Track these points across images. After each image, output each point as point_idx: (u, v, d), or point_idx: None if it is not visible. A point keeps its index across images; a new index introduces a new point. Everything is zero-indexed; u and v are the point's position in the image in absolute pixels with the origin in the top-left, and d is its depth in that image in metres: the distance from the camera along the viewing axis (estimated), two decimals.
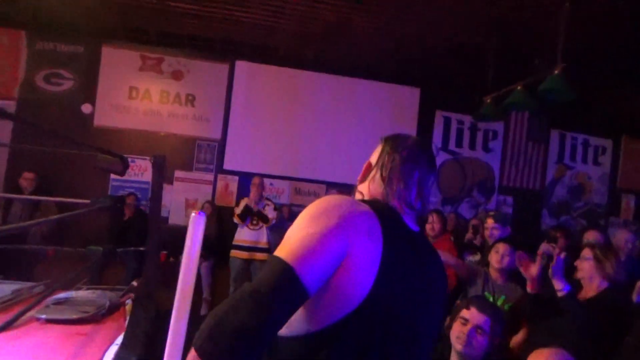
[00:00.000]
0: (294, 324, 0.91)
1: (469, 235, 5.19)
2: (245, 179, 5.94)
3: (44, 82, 5.71)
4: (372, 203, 1.02)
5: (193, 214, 0.92)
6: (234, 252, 5.00)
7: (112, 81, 5.89)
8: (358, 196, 1.14)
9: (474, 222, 5.45)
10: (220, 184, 6.21)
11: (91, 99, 5.83)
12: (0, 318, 2.24)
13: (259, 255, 4.97)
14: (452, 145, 6.95)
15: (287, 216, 5.96)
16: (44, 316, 2.53)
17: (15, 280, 3.43)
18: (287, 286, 0.84)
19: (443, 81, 6.48)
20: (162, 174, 3.38)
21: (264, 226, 5.02)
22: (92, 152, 3.16)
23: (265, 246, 5.03)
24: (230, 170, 6.21)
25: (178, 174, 6.05)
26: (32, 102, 5.67)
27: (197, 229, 0.91)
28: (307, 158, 6.40)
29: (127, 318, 2.81)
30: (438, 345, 2.04)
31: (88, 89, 5.84)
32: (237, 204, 5.12)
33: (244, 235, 5.00)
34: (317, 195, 6.47)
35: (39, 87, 5.70)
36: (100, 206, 3.03)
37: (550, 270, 2.34)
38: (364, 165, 1.18)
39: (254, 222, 5.03)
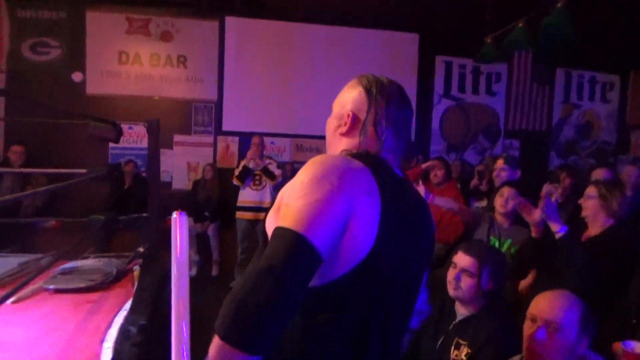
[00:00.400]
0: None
1: (474, 181, 5.17)
2: (245, 139, 5.89)
3: (31, 52, 5.59)
4: (363, 157, 1.01)
5: (174, 215, 0.93)
6: (239, 214, 5.03)
7: (100, 47, 5.76)
8: (342, 151, 1.09)
9: (479, 167, 5.42)
10: (220, 146, 6.18)
11: (81, 67, 5.72)
12: (8, 289, 2.28)
13: (264, 216, 4.96)
14: (454, 91, 6.82)
15: (290, 174, 5.97)
16: (52, 286, 2.58)
17: (20, 253, 3.49)
18: (301, 255, 0.83)
19: (442, 25, 6.28)
20: (157, 138, 3.35)
21: (267, 185, 5.01)
22: (85, 121, 3.12)
23: (269, 206, 5.03)
24: (230, 131, 6.15)
25: (177, 138, 6.02)
26: (20, 73, 5.58)
27: (181, 228, 0.92)
28: (306, 113, 6.31)
29: (135, 284, 2.86)
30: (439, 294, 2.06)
31: (76, 57, 5.72)
32: (238, 165, 5.10)
33: (247, 196, 5.01)
34: (319, 151, 6.42)
35: (26, 57, 5.59)
36: (96, 175, 3.02)
37: (542, 213, 2.32)
38: (347, 116, 1.11)
39: (256, 182, 5.03)
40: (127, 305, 2.28)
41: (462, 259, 1.91)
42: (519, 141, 7.00)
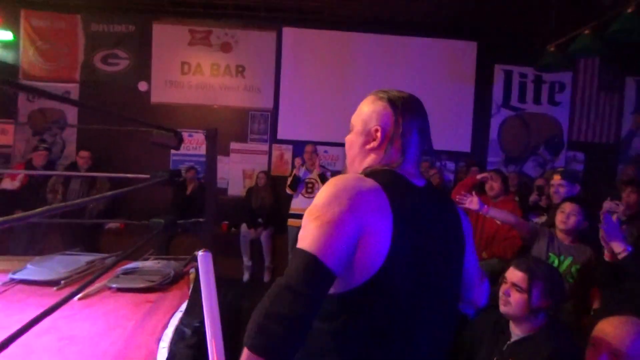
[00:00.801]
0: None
1: (533, 196, 4.94)
2: (299, 147, 5.97)
3: (102, 63, 5.97)
4: (379, 174, 1.07)
5: (200, 253, 1.07)
6: (290, 221, 5.11)
7: (164, 58, 6.06)
8: (365, 169, 1.15)
9: (539, 182, 5.17)
10: (275, 154, 6.29)
11: (146, 77, 6.04)
12: (76, 286, 2.43)
13: None
14: (514, 101, 6.58)
15: None
16: (115, 285, 2.72)
17: (89, 253, 3.71)
18: (315, 273, 0.92)
19: (502, 32, 6.09)
20: (215, 146, 3.46)
21: None
22: (148, 129, 3.29)
23: None
24: (284, 140, 6.27)
25: (234, 145, 6.20)
26: (92, 83, 5.97)
27: (207, 266, 1.06)
28: None
29: (191, 286, 2.95)
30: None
31: (143, 67, 6.04)
32: (291, 174, 5.18)
33: (299, 203, 5.08)
34: None
35: (98, 68, 5.97)
36: (158, 180, 3.16)
37: (602, 233, 2.18)
38: (374, 131, 1.15)
39: (309, 190, 5.08)
40: (183, 307, 2.36)
41: (512, 274, 1.84)
42: (584, 153, 6.64)
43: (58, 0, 5.72)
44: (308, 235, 0.96)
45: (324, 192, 1.01)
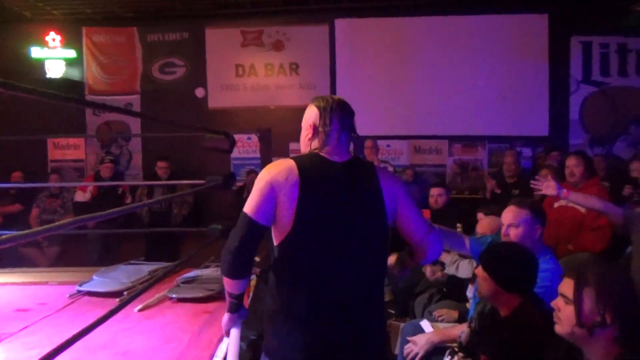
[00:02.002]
0: (274, 240, 1.54)
1: (627, 190, 4.30)
2: (360, 143, 5.77)
3: (159, 73, 6.16)
4: (299, 157, 1.55)
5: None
6: None
7: (219, 62, 6.15)
8: (306, 150, 1.62)
9: (635, 173, 4.47)
10: None
11: (202, 82, 6.15)
12: (143, 296, 2.43)
13: None
14: (595, 75, 5.99)
15: (412, 179, 5.68)
16: (174, 295, 2.71)
17: (155, 262, 3.76)
18: (245, 223, 1.48)
19: (575, 1, 5.55)
20: (269, 146, 3.38)
21: None
22: (201, 133, 3.26)
23: None
24: None
25: (292, 146, 6.12)
26: (152, 93, 6.19)
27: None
28: (424, 112, 6.05)
29: (250, 294, 2.88)
30: None
31: (198, 73, 6.17)
32: None
33: None
34: (439, 153, 6.11)
35: (156, 78, 6.18)
36: (212, 185, 3.12)
37: None
38: (309, 126, 1.61)
39: None
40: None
41: (563, 282, 1.46)
42: None
43: (115, 14, 5.96)
44: (246, 203, 1.51)
45: (258, 177, 1.53)
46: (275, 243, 1.52)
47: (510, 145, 5.94)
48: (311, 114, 1.61)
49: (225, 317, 1.73)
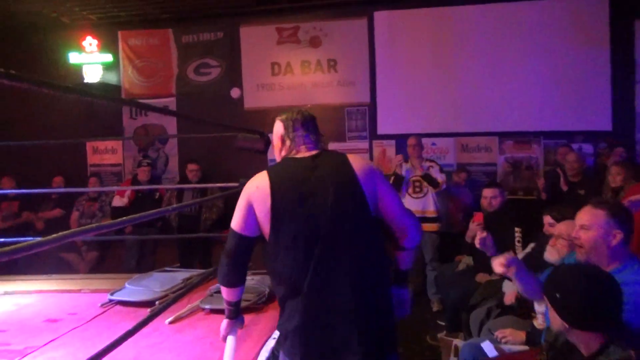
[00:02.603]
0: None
1: None
2: (402, 141, 5.53)
3: (195, 74, 6.15)
4: (272, 166, 1.75)
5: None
6: None
7: (254, 61, 6.07)
8: (280, 158, 1.82)
9: None
10: (376, 151, 5.98)
11: (238, 83, 6.10)
12: (175, 306, 2.33)
13: (427, 227, 4.48)
14: None
15: (464, 182, 5.39)
16: (207, 306, 2.59)
17: (190, 269, 3.69)
18: (233, 237, 1.69)
19: None
20: None
21: (429, 193, 4.60)
22: (235, 133, 3.15)
23: (434, 215, 4.62)
24: (385, 135, 5.91)
25: (332, 145, 5.95)
26: (187, 95, 6.18)
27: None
28: (471, 107, 5.74)
29: None
30: None
31: (234, 73, 6.11)
32: (393, 173, 4.77)
33: (407, 205, 4.65)
34: (488, 151, 5.80)
35: (191, 79, 6.17)
36: (232, 191, 2.99)
37: None
38: (278, 138, 1.82)
39: (416, 189, 4.65)
40: (276, 333, 2.14)
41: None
42: None
43: (149, 16, 5.99)
44: (232, 218, 1.70)
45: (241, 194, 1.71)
46: (266, 241, 1.67)
47: (567, 141, 5.57)
48: (278, 129, 1.81)
49: (224, 323, 1.89)
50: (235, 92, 6.06)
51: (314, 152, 1.71)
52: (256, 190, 1.63)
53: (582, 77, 5.54)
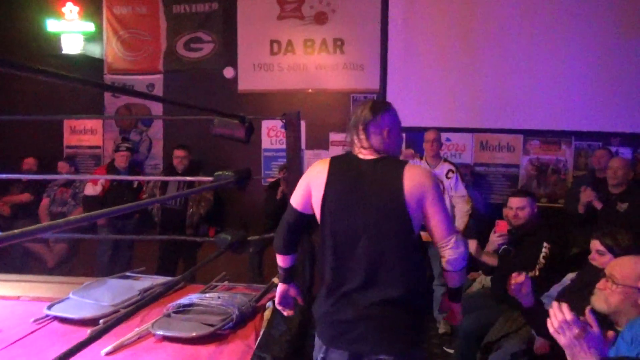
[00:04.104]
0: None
1: None
2: (414, 135, 5.13)
3: (185, 50, 5.73)
4: (338, 155, 1.99)
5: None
6: None
7: (251, 37, 5.65)
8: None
9: None
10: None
11: (232, 61, 5.67)
12: (122, 327, 1.94)
13: None
14: None
15: (472, 179, 4.96)
16: (160, 332, 2.18)
17: (155, 275, 3.29)
18: (289, 211, 1.98)
19: None
20: (297, 135, 2.82)
21: (446, 196, 4.17)
22: (211, 117, 2.72)
23: None
24: None
25: (333, 136, 5.57)
26: (176, 73, 5.77)
27: None
28: (494, 100, 5.29)
29: (262, 330, 2.38)
30: None
31: (228, 50, 5.68)
32: None
33: None
34: (511, 150, 5.36)
35: (181, 55, 5.75)
36: (222, 183, 2.60)
37: None
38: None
39: None
40: None
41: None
42: None
43: None
44: (293, 194, 2.00)
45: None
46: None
47: (602, 143, 5.11)
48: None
49: (279, 286, 2.09)
50: (228, 72, 5.63)
51: (376, 157, 1.84)
52: (316, 175, 1.87)
53: (623, 71, 5.07)
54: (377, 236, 1.74)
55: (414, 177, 1.74)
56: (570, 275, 2.49)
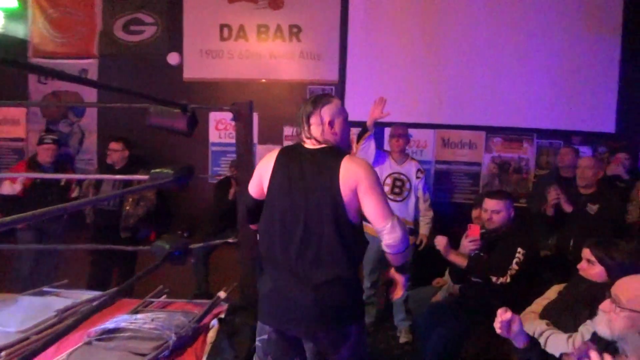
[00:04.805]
0: None
1: None
2: (377, 130, 4.88)
3: (124, 32, 5.28)
4: (287, 146, 2.22)
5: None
6: (369, 228, 4.00)
7: (199, 20, 5.27)
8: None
9: None
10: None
11: (177, 47, 5.28)
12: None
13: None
14: None
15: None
16: None
17: (80, 290, 2.92)
18: (248, 198, 2.20)
19: None
20: (249, 128, 2.53)
21: (411, 195, 4.02)
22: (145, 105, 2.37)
23: (412, 226, 4.03)
24: (354, 122, 5.10)
25: (288, 131, 5.29)
26: (113, 58, 5.32)
27: None
28: (456, 95, 5.18)
29: (204, 356, 2.09)
30: None
31: (173, 34, 5.29)
32: None
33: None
34: (473, 147, 5.26)
35: (119, 38, 5.29)
36: (160, 182, 2.25)
37: None
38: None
39: (396, 190, 3.99)
40: None
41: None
42: None
43: None
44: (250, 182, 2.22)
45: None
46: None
47: (564, 142, 5.11)
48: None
49: None
50: (173, 58, 5.23)
51: (318, 146, 2.01)
52: (266, 164, 2.05)
53: (586, 69, 5.11)
54: (317, 220, 1.89)
55: (349, 167, 1.90)
56: (556, 288, 2.29)
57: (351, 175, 1.88)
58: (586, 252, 2.16)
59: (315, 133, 2.00)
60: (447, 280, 3.39)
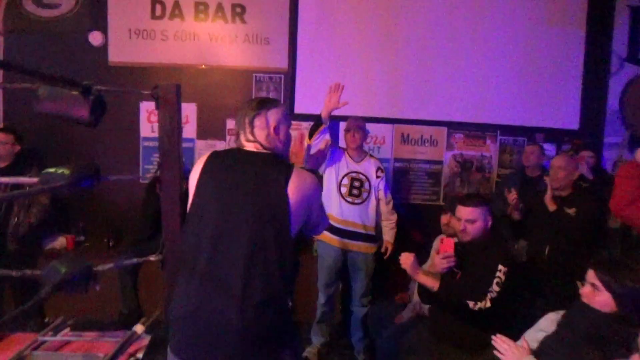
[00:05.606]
0: None
1: None
2: (331, 124, 4.53)
3: (35, 5, 4.60)
4: (220, 150, 1.99)
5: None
6: (325, 236, 3.61)
7: None
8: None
9: None
10: (292, 135, 4.81)
11: (101, 24, 4.66)
12: None
13: (365, 247, 3.68)
14: None
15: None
16: None
17: None
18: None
19: None
20: (176, 117, 2.06)
21: (371, 197, 3.68)
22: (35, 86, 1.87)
23: (373, 232, 3.66)
24: (305, 114, 4.80)
25: (232, 124, 4.77)
26: (22, 34, 4.64)
27: None
28: (416, 89, 4.94)
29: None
30: None
31: (95, 10, 4.66)
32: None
33: (337, 211, 3.60)
34: (434, 144, 5.03)
35: (29, 12, 4.59)
36: (51, 186, 1.79)
37: None
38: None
39: (354, 191, 3.62)
40: None
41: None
42: None
43: None
44: None
45: None
46: None
47: (527, 139, 5.00)
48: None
49: None
50: (95, 38, 4.62)
51: (261, 151, 1.89)
52: (194, 170, 1.89)
53: (550, 64, 5.06)
54: (259, 235, 1.75)
55: (300, 185, 1.81)
56: (552, 316, 1.93)
57: (303, 193, 1.81)
58: (590, 275, 1.77)
59: (260, 137, 1.87)
60: (412, 296, 3.03)
